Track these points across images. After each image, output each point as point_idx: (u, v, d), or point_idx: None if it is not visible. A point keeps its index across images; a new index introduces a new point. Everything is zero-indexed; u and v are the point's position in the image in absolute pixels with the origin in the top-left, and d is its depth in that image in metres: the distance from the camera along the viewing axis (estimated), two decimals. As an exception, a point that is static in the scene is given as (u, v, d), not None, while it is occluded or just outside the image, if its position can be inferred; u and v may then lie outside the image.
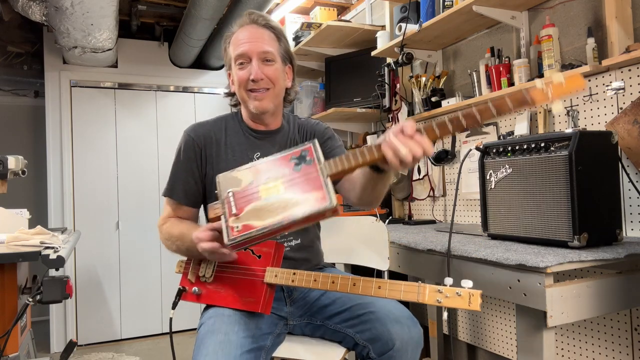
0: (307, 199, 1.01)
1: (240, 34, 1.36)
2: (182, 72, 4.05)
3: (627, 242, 1.40)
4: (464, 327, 2.43)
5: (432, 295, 0.98)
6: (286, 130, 1.48)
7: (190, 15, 2.94)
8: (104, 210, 3.77)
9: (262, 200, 1.05)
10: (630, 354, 1.62)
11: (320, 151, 1.07)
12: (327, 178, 1.03)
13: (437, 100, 2.43)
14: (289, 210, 1.01)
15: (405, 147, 0.97)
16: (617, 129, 1.57)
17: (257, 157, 1.40)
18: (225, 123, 1.46)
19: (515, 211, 1.46)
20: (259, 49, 1.33)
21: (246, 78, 1.33)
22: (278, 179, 1.06)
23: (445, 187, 2.49)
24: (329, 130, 1.53)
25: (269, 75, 1.34)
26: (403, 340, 1.21)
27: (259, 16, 1.38)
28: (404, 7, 2.44)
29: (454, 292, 0.96)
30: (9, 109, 3.92)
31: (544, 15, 1.94)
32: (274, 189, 1.06)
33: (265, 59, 1.34)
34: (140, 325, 3.81)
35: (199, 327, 1.27)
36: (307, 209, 1.00)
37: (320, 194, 1.01)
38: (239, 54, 1.34)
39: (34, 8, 2.70)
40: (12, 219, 2.07)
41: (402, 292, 1.03)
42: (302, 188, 1.03)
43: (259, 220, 1.02)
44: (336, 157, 1.05)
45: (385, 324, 1.23)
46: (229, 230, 1.04)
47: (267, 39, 1.36)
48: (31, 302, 1.53)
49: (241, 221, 1.04)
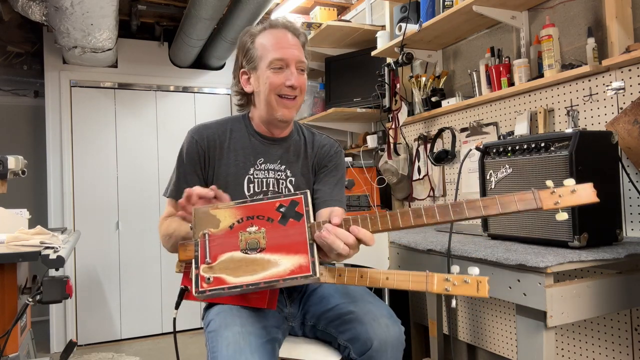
0: (289, 263, 0.95)
1: (274, 37, 1.33)
2: (182, 72, 4.05)
3: (627, 242, 1.40)
4: (464, 327, 2.43)
5: (441, 284, 0.97)
6: (294, 140, 1.45)
7: (190, 15, 2.94)
8: (104, 210, 3.77)
9: (240, 253, 0.97)
10: (630, 354, 1.62)
11: (311, 204, 1.01)
12: (313, 242, 0.98)
13: (437, 100, 2.44)
14: (267, 271, 0.95)
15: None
16: (617, 129, 1.57)
17: (260, 163, 1.39)
18: (231, 125, 1.43)
19: (515, 211, 1.46)
20: (297, 57, 1.32)
21: (281, 83, 1.30)
22: (261, 228, 0.99)
23: (445, 187, 2.49)
24: (338, 159, 1.48)
25: (302, 85, 1.34)
26: (381, 340, 1.20)
27: (291, 23, 1.37)
28: (404, 7, 2.44)
29: (462, 280, 0.95)
30: (9, 109, 3.92)
31: (544, 15, 1.94)
32: (254, 240, 0.98)
33: (301, 69, 1.33)
34: (140, 325, 3.81)
35: (207, 324, 1.27)
36: (287, 275, 0.94)
37: (304, 261, 0.96)
38: (279, 58, 1.30)
39: (34, 8, 2.70)
40: (12, 219, 2.07)
41: (410, 282, 1.01)
42: (285, 247, 0.97)
43: (234, 276, 0.95)
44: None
45: (363, 323, 1.22)
46: (199, 280, 0.96)
47: (300, 47, 1.35)
48: (31, 302, 1.53)
49: (214, 272, 0.96)
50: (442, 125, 2.45)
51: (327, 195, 1.40)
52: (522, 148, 1.45)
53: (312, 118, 3.15)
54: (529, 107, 1.97)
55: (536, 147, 1.40)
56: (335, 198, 1.41)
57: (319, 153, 1.45)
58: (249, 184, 1.37)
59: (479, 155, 1.60)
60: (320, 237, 0.99)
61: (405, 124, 2.65)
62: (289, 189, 1.39)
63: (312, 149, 1.46)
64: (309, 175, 1.44)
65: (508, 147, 1.50)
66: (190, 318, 3.74)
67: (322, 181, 1.43)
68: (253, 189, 1.37)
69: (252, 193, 1.37)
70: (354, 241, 1.01)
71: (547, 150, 1.37)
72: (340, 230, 1.00)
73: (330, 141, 1.49)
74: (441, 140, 2.46)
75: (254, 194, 1.37)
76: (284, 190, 1.39)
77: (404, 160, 2.64)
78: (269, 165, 1.39)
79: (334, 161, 1.46)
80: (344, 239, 1.00)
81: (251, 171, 1.38)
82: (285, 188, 1.39)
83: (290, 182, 1.40)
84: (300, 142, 1.46)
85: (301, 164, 1.43)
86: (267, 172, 1.39)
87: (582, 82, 1.74)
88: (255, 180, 1.38)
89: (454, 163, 2.37)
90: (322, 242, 1.00)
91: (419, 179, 2.62)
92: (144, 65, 3.92)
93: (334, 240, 0.99)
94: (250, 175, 1.37)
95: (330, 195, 1.41)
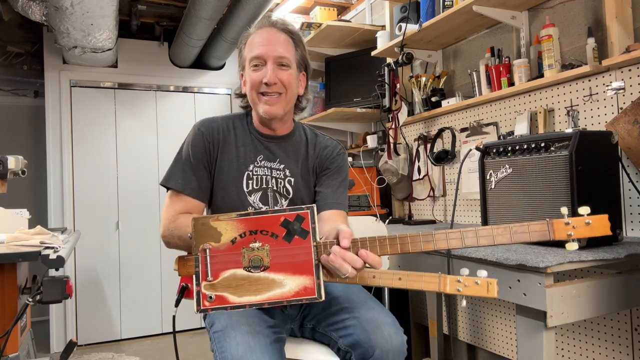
0: (293, 284, 0.94)
1: (257, 36, 1.33)
2: (182, 72, 4.05)
3: (627, 242, 1.40)
4: (464, 327, 2.43)
5: (453, 285, 0.99)
6: (296, 139, 1.44)
7: (190, 15, 2.94)
8: (104, 210, 3.77)
9: (243, 270, 0.95)
10: (630, 354, 1.62)
11: (316, 220, 0.98)
12: (319, 263, 0.96)
13: (437, 100, 2.44)
14: (271, 292, 0.93)
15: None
16: (617, 129, 1.57)
17: (261, 160, 1.38)
18: (234, 122, 1.43)
19: (515, 211, 1.46)
20: (275, 52, 1.30)
21: (259, 80, 1.30)
22: (264, 245, 0.96)
23: (445, 187, 2.49)
24: (340, 161, 1.46)
25: (283, 80, 1.31)
26: (383, 349, 1.19)
27: (278, 20, 1.36)
28: (404, 7, 2.44)
29: (473, 282, 0.97)
30: (9, 109, 3.92)
31: (544, 15, 1.93)
32: (257, 257, 0.96)
33: (281, 64, 1.31)
34: (140, 325, 3.81)
35: (211, 325, 1.26)
36: (291, 297, 0.93)
37: (309, 283, 0.94)
38: (255, 56, 1.31)
39: (33, 8, 2.70)
40: (12, 219, 2.06)
41: (423, 282, 1.01)
42: (290, 267, 0.95)
43: (237, 296, 0.93)
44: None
45: (366, 330, 1.22)
46: (200, 298, 0.94)
47: (284, 43, 1.33)
48: (31, 302, 1.52)
49: (216, 290, 0.94)
50: (442, 125, 2.45)
51: (329, 198, 1.39)
52: (522, 148, 1.45)
53: (312, 118, 3.15)
54: (529, 107, 1.97)
55: (536, 147, 1.40)
56: (338, 201, 1.40)
57: (321, 155, 1.44)
58: (247, 180, 1.37)
59: (479, 155, 1.60)
60: (327, 260, 0.98)
61: (405, 124, 2.65)
62: (286, 188, 1.39)
63: (313, 150, 1.44)
64: (309, 177, 1.43)
65: (508, 147, 1.50)
66: (191, 318, 3.73)
67: (324, 183, 1.42)
68: (252, 185, 1.37)
69: (251, 190, 1.36)
70: (362, 265, 1.00)
71: (547, 150, 1.37)
72: (349, 254, 0.99)
73: (333, 143, 1.48)
74: (441, 140, 2.46)
75: (252, 191, 1.36)
76: (282, 189, 1.38)
77: (404, 160, 2.64)
78: (268, 163, 1.39)
79: (336, 163, 1.45)
80: (352, 263, 0.99)
81: (251, 167, 1.37)
82: (283, 187, 1.39)
83: (289, 182, 1.39)
84: (302, 143, 1.45)
85: (301, 165, 1.42)
86: (266, 170, 1.38)
87: (582, 82, 1.74)
88: (255, 177, 1.37)
89: (454, 163, 2.37)
90: (329, 266, 0.99)
91: (419, 179, 2.62)
92: (144, 65, 3.92)
93: (341, 264, 0.98)
94: (250, 172, 1.37)
95: (333, 197, 1.40)
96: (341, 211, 1.38)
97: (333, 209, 1.37)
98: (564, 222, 0.93)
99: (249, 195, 1.36)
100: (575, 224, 0.93)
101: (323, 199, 1.39)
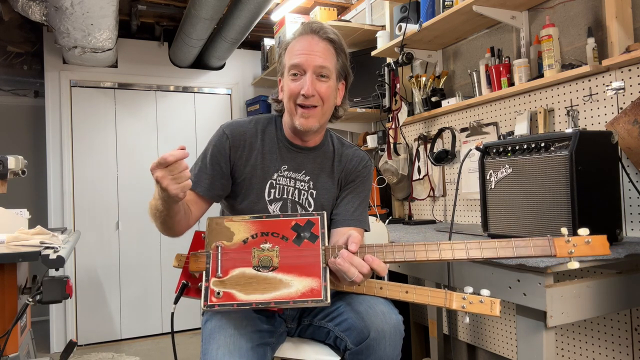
0: (300, 285, 0.96)
1: (297, 43, 1.29)
2: (182, 72, 4.05)
3: (627, 242, 1.40)
4: (463, 327, 2.43)
5: (458, 302, 1.04)
6: (322, 151, 1.40)
7: (190, 15, 2.94)
8: (104, 210, 3.77)
9: (252, 269, 0.97)
10: (630, 354, 1.62)
11: (326, 226, 1.01)
12: (327, 267, 0.98)
13: (437, 100, 2.44)
14: (278, 292, 0.95)
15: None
16: (617, 129, 1.57)
17: (284, 170, 1.35)
18: (263, 126, 1.39)
19: (515, 211, 1.46)
20: (315, 62, 1.26)
21: (297, 91, 1.26)
22: (274, 246, 0.99)
23: (445, 187, 2.49)
24: (366, 174, 1.43)
25: (321, 93, 1.27)
26: (378, 328, 1.18)
27: (320, 28, 1.31)
28: (404, 7, 2.44)
29: (478, 300, 1.02)
30: (9, 109, 3.92)
31: (544, 15, 1.93)
32: (267, 257, 0.98)
33: (320, 74, 1.27)
34: (140, 325, 3.81)
35: (205, 323, 1.26)
36: (298, 298, 0.95)
37: (316, 285, 0.96)
38: (294, 64, 1.27)
39: (34, 8, 2.70)
40: (12, 219, 2.06)
41: (430, 297, 1.06)
42: (298, 269, 0.96)
43: (244, 293, 0.95)
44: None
45: (359, 312, 1.21)
46: (208, 294, 0.96)
47: (324, 52, 1.28)
48: (31, 302, 1.52)
49: (224, 287, 0.96)
50: (442, 125, 2.45)
51: (348, 214, 1.36)
52: (522, 148, 1.45)
53: (312, 118, 3.14)
54: (529, 107, 1.97)
55: (536, 147, 1.40)
56: (358, 218, 1.37)
57: (347, 168, 1.41)
58: (270, 189, 1.34)
59: (479, 155, 1.60)
60: (335, 263, 1.00)
61: (405, 124, 2.65)
62: (309, 201, 1.36)
63: (339, 163, 1.41)
64: (334, 189, 1.40)
65: (508, 147, 1.50)
66: (191, 318, 3.73)
67: (345, 198, 1.39)
68: (274, 194, 1.34)
69: (272, 198, 1.34)
70: (369, 270, 1.01)
71: (547, 150, 1.37)
72: (357, 258, 1.00)
73: (360, 154, 1.44)
74: (441, 140, 2.46)
75: (274, 200, 1.34)
76: (304, 201, 1.36)
77: (404, 160, 2.64)
78: (292, 174, 1.36)
79: (361, 176, 1.42)
80: (358, 268, 1.00)
81: (274, 176, 1.35)
82: (306, 200, 1.36)
83: (311, 194, 1.36)
84: (328, 154, 1.41)
85: (326, 178, 1.39)
86: (289, 180, 1.35)
87: (582, 82, 1.74)
88: (277, 186, 1.34)
89: (454, 163, 2.37)
90: (336, 269, 1.00)
91: (419, 179, 2.62)
92: (144, 65, 3.92)
93: (348, 268, 0.99)
94: (273, 180, 1.34)
95: (353, 214, 1.37)
96: (357, 234, 1.37)
97: (352, 227, 1.34)
98: (564, 240, 0.97)
99: (270, 204, 1.34)
100: (575, 242, 0.97)
101: (342, 213, 1.37)
